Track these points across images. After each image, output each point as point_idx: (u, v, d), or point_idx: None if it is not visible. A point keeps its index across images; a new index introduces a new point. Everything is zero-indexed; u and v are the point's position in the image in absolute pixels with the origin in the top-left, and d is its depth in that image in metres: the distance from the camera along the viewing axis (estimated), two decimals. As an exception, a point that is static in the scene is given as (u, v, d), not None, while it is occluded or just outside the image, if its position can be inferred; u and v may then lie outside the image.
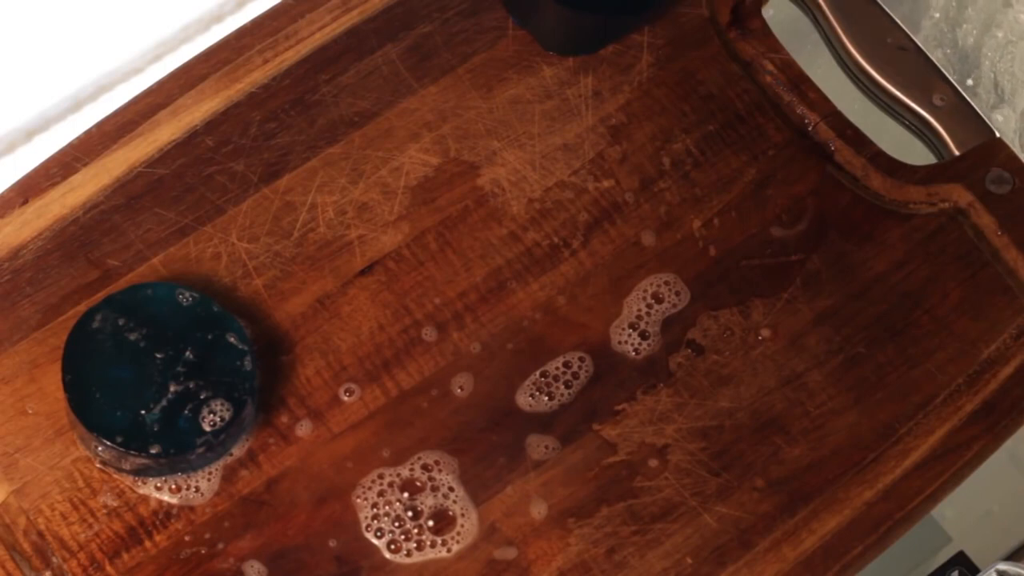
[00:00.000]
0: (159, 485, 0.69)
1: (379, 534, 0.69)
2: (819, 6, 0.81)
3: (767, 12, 0.81)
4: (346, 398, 0.71)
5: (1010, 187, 0.78)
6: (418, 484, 0.70)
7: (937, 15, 0.93)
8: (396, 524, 0.69)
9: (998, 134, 0.79)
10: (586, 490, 0.71)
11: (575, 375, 0.73)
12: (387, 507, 0.69)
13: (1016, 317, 0.75)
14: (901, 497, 0.72)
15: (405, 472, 0.70)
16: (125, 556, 0.68)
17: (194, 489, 0.69)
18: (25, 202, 0.73)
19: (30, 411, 0.70)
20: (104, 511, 0.69)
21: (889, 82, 0.80)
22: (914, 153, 0.80)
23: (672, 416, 0.72)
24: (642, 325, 0.74)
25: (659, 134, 0.78)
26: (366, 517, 0.69)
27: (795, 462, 0.72)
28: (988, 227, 0.77)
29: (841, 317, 0.75)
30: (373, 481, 0.70)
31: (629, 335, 0.73)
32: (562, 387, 0.72)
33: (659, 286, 0.74)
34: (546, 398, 0.72)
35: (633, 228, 0.76)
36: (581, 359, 0.73)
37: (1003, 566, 0.71)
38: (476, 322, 0.73)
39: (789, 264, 0.76)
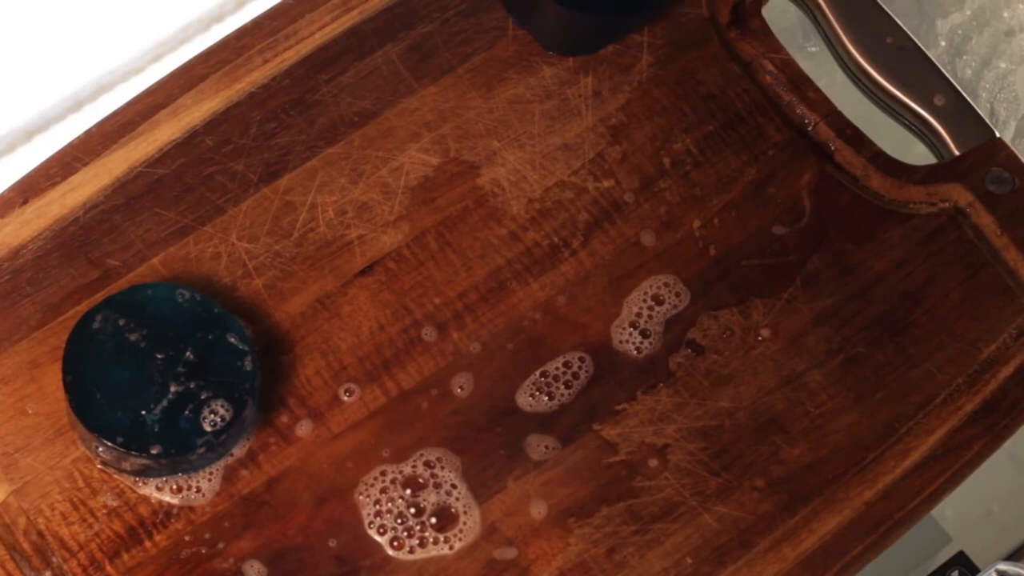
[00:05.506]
0: (160, 485, 0.69)
1: (382, 531, 0.69)
2: (819, 6, 0.81)
3: (767, 12, 0.81)
4: (346, 398, 0.71)
5: (1010, 187, 0.78)
6: (421, 481, 0.70)
7: (943, 43, 0.93)
8: (399, 521, 0.69)
9: (998, 134, 0.79)
10: (586, 490, 0.71)
11: (575, 375, 0.73)
12: (390, 504, 0.69)
13: (1016, 317, 0.75)
14: (901, 497, 0.72)
15: (408, 469, 0.70)
16: (125, 556, 0.68)
17: (195, 489, 0.69)
18: (25, 202, 0.73)
19: (30, 411, 0.70)
20: (104, 511, 0.68)
21: (889, 82, 0.80)
22: (914, 153, 0.80)
23: (672, 416, 0.72)
24: (642, 324, 0.74)
25: (659, 134, 0.78)
26: (369, 514, 0.69)
27: (795, 462, 0.72)
28: (988, 227, 0.77)
29: (841, 317, 0.75)
30: (375, 478, 0.70)
31: (630, 334, 0.73)
32: (562, 387, 0.72)
33: (659, 287, 0.74)
34: (546, 398, 0.72)
35: (633, 228, 0.76)
36: (581, 359, 0.73)
37: (1003, 566, 0.71)
38: (476, 322, 0.73)
39: (789, 264, 0.76)
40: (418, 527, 0.69)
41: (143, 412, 0.68)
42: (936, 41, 0.95)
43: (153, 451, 0.67)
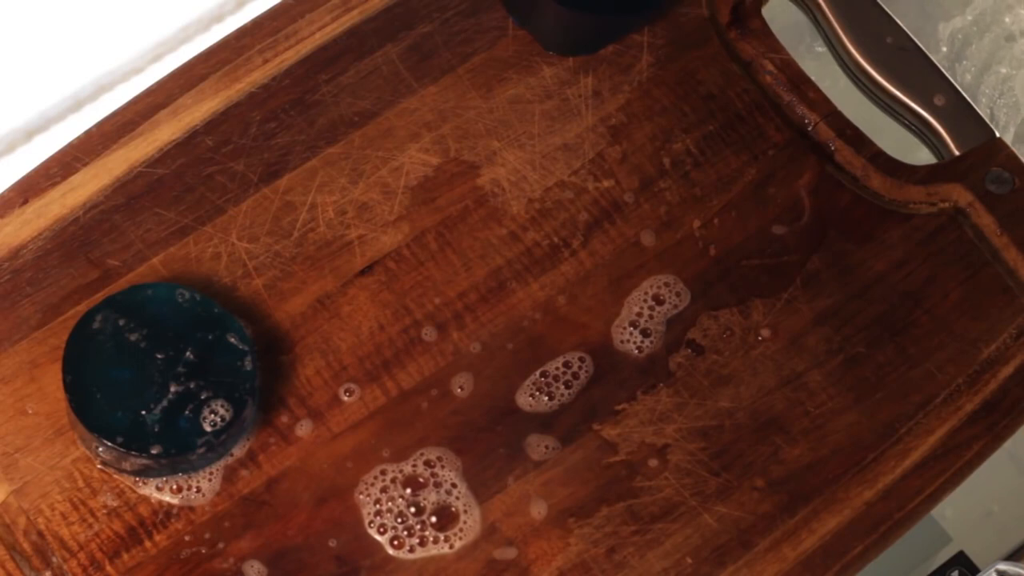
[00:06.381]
0: (160, 485, 0.69)
1: (382, 530, 0.69)
2: (819, 6, 0.81)
3: (767, 12, 0.81)
4: (346, 398, 0.71)
5: (1010, 187, 0.78)
6: (421, 480, 0.70)
7: (945, 49, 0.94)
8: (399, 520, 0.69)
9: (998, 134, 0.79)
10: (586, 490, 0.71)
11: (575, 375, 0.73)
12: (390, 503, 0.69)
13: (1016, 317, 0.75)
14: (901, 497, 0.72)
15: (408, 468, 0.70)
16: (125, 556, 0.68)
17: (195, 489, 0.69)
18: (25, 202, 0.73)
19: (30, 411, 0.70)
20: (104, 511, 0.68)
21: (889, 82, 0.80)
22: (914, 153, 0.80)
23: (672, 416, 0.72)
24: (643, 324, 0.74)
25: (659, 134, 0.78)
26: (369, 513, 0.69)
27: (795, 462, 0.72)
28: (988, 227, 0.77)
29: (841, 317, 0.75)
30: (376, 477, 0.70)
31: (631, 334, 0.73)
32: (562, 387, 0.72)
33: (659, 287, 0.74)
34: (546, 398, 0.72)
35: (633, 228, 0.76)
36: (581, 359, 0.73)
37: (1003, 566, 0.71)
38: (476, 322, 0.73)
39: (789, 264, 0.76)
40: (418, 526, 0.69)
41: (143, 412, 0.68)
42: (937, 46, 0.95)
43: (153, 451, 0.67)
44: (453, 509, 0.70)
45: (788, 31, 0.83)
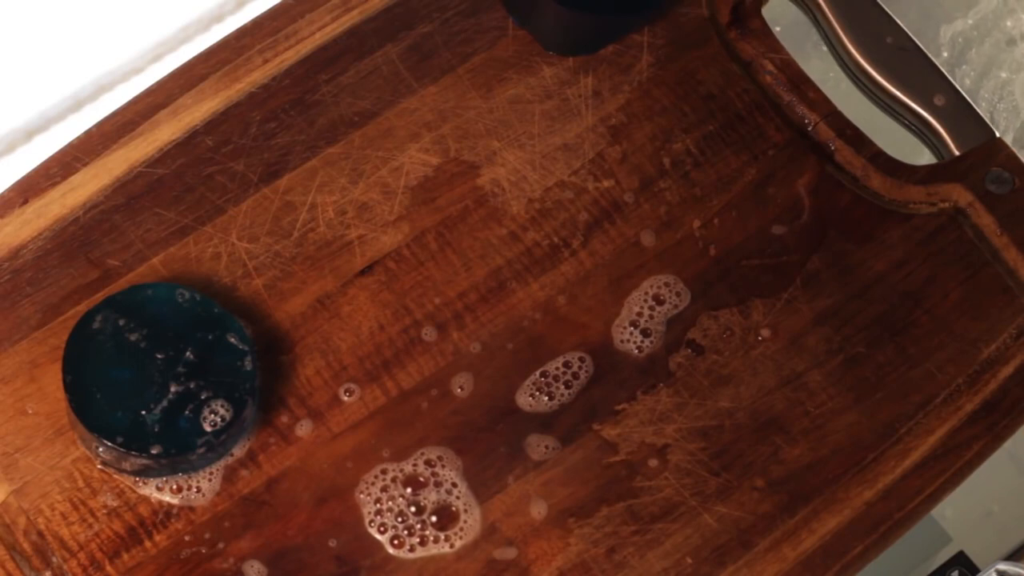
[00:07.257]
0: (160, 485, 0.69)
1: (382, 529, 0.69)
2: (819, 6, 0.81)
3: (767, 12, 0.81)
4: (346, 398, 0.71)
5: (1010, 187, 0.78)
6: (421, 480, 0.70)
7: (946, 54, 0.94)
8: (399, 519, 0.69)
9: (998, 134, 0.79)
10: (586, 490, 0.71)
11: (575, 375, 0.73)
12: (390, 502, 0.69)
13: (1016, 317, 0.75)
14: (901, 497, 0.72)
15: (408, 468, 0.70)
16: (125, 556, 0.68)
17: (195, 489, 0.69)
18: (25, 202, 0.73)
19: (30, 411, 0.70)
20: (104, 511, 0.68)
21: (889, 82, 0.80)
22: (914, 153, 0.80)
23: (672, 416, 0.72)
24: (643, 324, 0.74)
25: (659, 134, 0.78)
26: (369, 512, 0.69)
27: (795, 462, 0.72)
28: (988, 227, 0.77)
29: (841, 317, 0.75)
30: (376, 477, 0.70)
31: (631, 333, 0.73)
32: (562, 387, 0.72)
33: (659, 287, 0.74)
34: (546, 398, 0.72)
35: (633, 228, 0.76)
36: (581, 359, 0.73)
37: (1003, 566, 0.71)
38: (476, 322, 0.73)
39: (789, 264, 0.76)
40: (419, 525, 0.69)
41: (143, 412, 0.68)
42: (938, 50, 0.95)
43: (153, 451, 0.67)
44: (453, 509, 0.70)
45: (788, 31, 0.83)
